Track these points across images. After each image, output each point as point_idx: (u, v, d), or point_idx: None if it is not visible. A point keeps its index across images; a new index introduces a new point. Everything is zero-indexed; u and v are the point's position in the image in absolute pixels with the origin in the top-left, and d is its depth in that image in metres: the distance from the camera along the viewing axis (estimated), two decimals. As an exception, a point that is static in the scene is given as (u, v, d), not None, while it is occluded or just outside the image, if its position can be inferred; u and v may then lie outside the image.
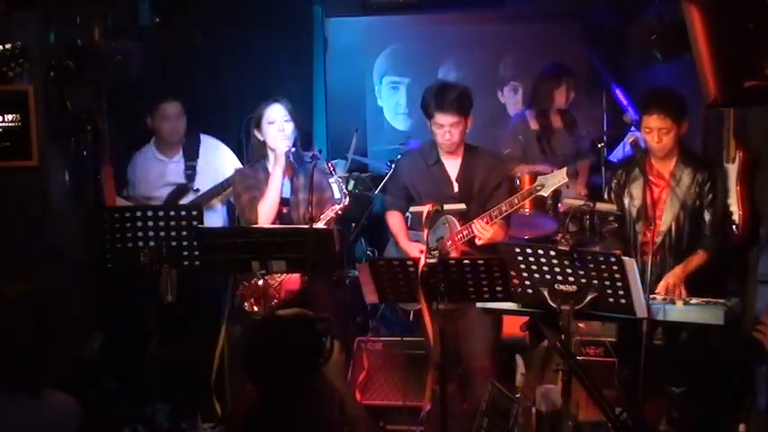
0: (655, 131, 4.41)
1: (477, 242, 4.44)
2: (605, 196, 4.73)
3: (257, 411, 2.93)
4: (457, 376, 4.57)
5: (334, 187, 4.62)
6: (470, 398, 4.61)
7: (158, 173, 5.33)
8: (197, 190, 5.26)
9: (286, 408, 2.90)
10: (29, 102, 4.73)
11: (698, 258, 4.44)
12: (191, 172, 5.30)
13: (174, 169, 5.33)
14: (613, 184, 4.65)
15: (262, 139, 4.71)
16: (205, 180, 5.27)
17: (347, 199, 4.63)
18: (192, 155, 5.33)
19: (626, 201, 4.59)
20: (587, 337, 5.14)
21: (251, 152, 4.84)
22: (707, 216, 4.48)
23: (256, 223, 4.64)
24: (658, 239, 4.44)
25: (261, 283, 4.62)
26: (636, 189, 4.55)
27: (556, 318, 4.00)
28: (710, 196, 4.48)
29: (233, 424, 3.43)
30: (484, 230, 4.41)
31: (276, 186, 4.65)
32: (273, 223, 4.67)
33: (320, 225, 4.52)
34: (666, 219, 4.47)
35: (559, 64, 6.18)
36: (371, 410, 5.13)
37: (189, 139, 5.36)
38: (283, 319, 3.08)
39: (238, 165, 5.24)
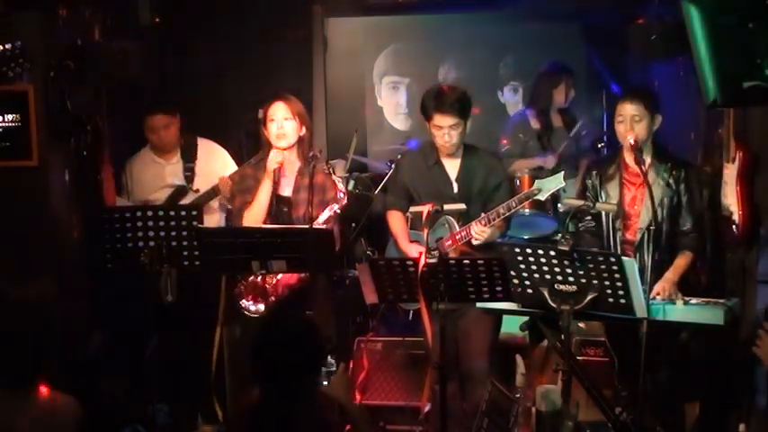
0: (627, 119, 4.38)
1: (474, 242, 4.45)
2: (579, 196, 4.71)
3: (259, 411, 2.94)
4: (457, 376, 4.58)
5: (337, 186, 4.62)
6: (470, 398, 4.61)
7: (156, 175, 5.32)
8: (197, 191, 5.26)
9: (288, 408, 2.90)
10: (29, 102, 4.72)
11: (684, 259, 4.41)
12: (190, 173, 5.30)
13: (171, 171, 5.32)
14: (588, 184, 4.63)
15: (268, 137, 4.71)
16: (204, 182, 5.26)
17: (345, 199, 4.63)
18: (190, 156, 5.32)
19: (602, 200, 4.56)
20: (587, 337, 5.15)
21: (258, 150, 4.84)
22: (686, 214, 4.46)
23: None
24: (636, 238, 4.44)
25: (258, 281, 4.63)
26: (612, 189, 4.54)
27: (556, 318, 4.01)
28: (687, 194, 4.46)
29: (234, 425, 3.42)
30: (481, 233, 4.41)
31: (263, 199, 4.66)
32: (273, 222, 4.67)
33: (319, 223, 4.53)
34: (644, 217, 4.45)
35: (559, 63, 6.19)
36: (371, 410, 5.14)
37: (186, 140, 5.35)
38: (290, 318, 3.10)
39: (235, 168, 5.23)
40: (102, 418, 4.37)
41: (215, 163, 5.32)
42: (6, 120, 4.74)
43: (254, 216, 4.66)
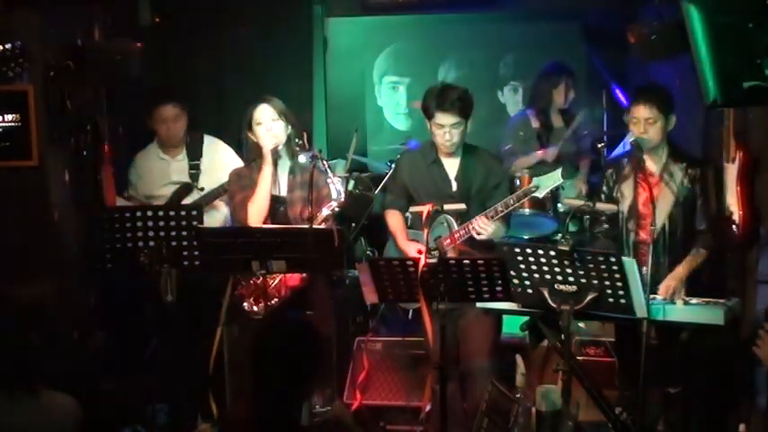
0: (641, 122, 4.40)
1: (477, 237, 4.44)
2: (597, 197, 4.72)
3: (257, 415, 2.94)
4: (457, 376, 4.58)
5: (330, 186, 4.62)
6: (470, 398, 4.61)
7: (161, 171, 5.32)
8: (202, 189, 5.27)
9: (286, 411, 2.91)
10: (29, 102, 4.72)
11: (698, 257, 4.41)
12: (195, 171, 5.30)
13: (177, 168, 5.32)
14: (604, 186, 4.64)
15: (255, 140, 4.72)
16: (209, 179, 5.26)
17: (342, 196, 4.63)
18: (195, 154, 5.33)
19: (619, 201, 4.56)
20: (589, 336, 5.15)
21: (247, 152, 4.85)
22: (701, 213, 4.46)
23: (246, 223, 4.64)
24: (651, 238, 4.43)
25: (260, 281, 4.63)
26: (627, 188, 4.54)
27: (556, 318, 4.00)
28: (703, 194, 4.45)
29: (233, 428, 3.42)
30: (485, 227, 4.40)
31: (265, 186, 4.65)
32: (269, 222, 4.67)
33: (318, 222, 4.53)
34: (659, 217, 4.45)
35: (559, 63, 6.19)
36: (371, 410, 5.14)
37: (192, 138, 5.36)
38: (289, 320, 3.11)
39: (240, 164, 5.24)
40: (102, 418, 4.37)
41: (220, 161, 5.31)
42: (6, 120, 4.74)
43: (259, 205, 4.65)
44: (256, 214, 4.65)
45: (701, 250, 4.42)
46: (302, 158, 4.71)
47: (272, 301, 4.65)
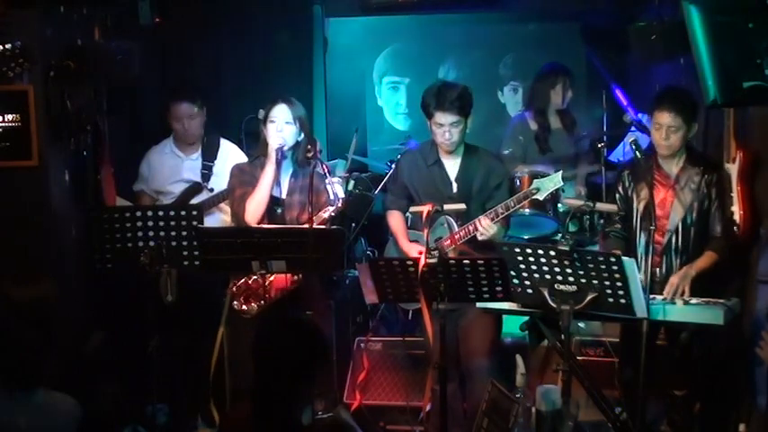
0: (664, 128, 4.36)
1: (480, 237, 4.44)
2: (610, 197, 4.71)
3: (256, 416, 2.94)
4: (457, 376, 4.58)
5: (329, 189, 4.62)
6: (470, 398, 4.61)
7: (173, 168, 5.32)
8: (211, 189, 5.27)
9: (285, 410, 2.91)
10: (29, 102, 4.72)
11: (707, 259, 4.38)
12: (207, 172, 5.30)
13: (189, 166, 5.32)
14: (619, 187, 4.63)
15: (265, 136, 4.71)
16: (219, 182, 5.25)
17: (340, 201, 4.63)
18: (210, 155, 5.33)
19: (634, 201, 4.56)
20: (587, 336, 5.15)
21: (256, 148, 4.84)
22: (716, 217, 4.44)
23: (243, 218, 4.65)
24: (664, 240, 4.43)
25: (251, 282, 4.63)
26: (643, 190, 4.52)
27: (556, 318, 4.01)
28: (718, 199, 4.43)
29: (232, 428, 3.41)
30: (489, 228, 4.40)
31: (265, 183, 4.64)
32: (266, 223, 4.66)
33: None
34: (673, 220, 4.44)
35: (556, 64, 6.18)
36: (371, 410, 5.14)
37: (210, 139, 5.36)
38: (289, 319, 3.11)
39: None
40: (101, 418, 4.37)
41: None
42: (6, 120, 4.74)
43: (257, 202, 4.63)
44: (254, 211, 4.64)
45: (710, 252, 4.39)
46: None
47: (261, 302, 4.64)
